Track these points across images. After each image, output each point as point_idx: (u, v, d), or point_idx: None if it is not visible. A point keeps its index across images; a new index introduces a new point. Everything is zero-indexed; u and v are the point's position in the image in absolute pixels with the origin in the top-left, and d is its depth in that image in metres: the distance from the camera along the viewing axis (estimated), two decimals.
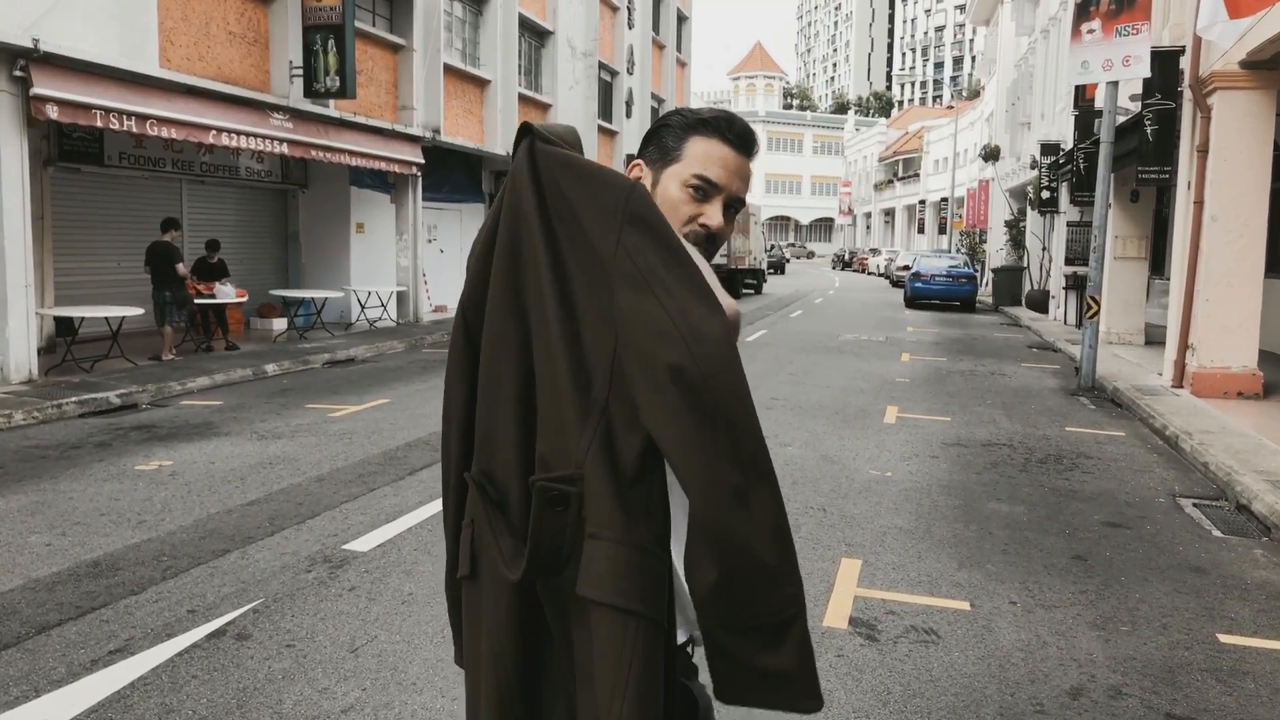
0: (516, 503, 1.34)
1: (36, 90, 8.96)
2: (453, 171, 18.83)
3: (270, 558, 4.67)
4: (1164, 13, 12.28)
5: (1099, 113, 11.74)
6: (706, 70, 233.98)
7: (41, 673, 3.42)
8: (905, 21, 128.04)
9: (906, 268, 30.67)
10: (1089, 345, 10.80)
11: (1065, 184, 18.80)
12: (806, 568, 4.51)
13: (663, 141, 1.52)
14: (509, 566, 1.33)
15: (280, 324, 14.73)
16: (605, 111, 25.85)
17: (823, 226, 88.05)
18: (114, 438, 7.48)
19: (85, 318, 11.00)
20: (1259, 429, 8.10)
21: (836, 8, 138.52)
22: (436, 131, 16.43)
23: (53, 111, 9.13)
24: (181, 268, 11.17)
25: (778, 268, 45.87)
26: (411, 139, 15.90)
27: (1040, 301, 22.30)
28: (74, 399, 8.48)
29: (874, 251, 54.20)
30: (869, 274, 49.15)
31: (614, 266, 1.26)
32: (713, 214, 1.49)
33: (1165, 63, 11.13)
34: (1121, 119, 12.41)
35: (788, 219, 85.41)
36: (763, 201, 67.72)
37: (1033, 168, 22.83)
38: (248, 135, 11.79)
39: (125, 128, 10.02)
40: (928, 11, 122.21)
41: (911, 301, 25.67)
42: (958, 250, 35.94)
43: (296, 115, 12.97)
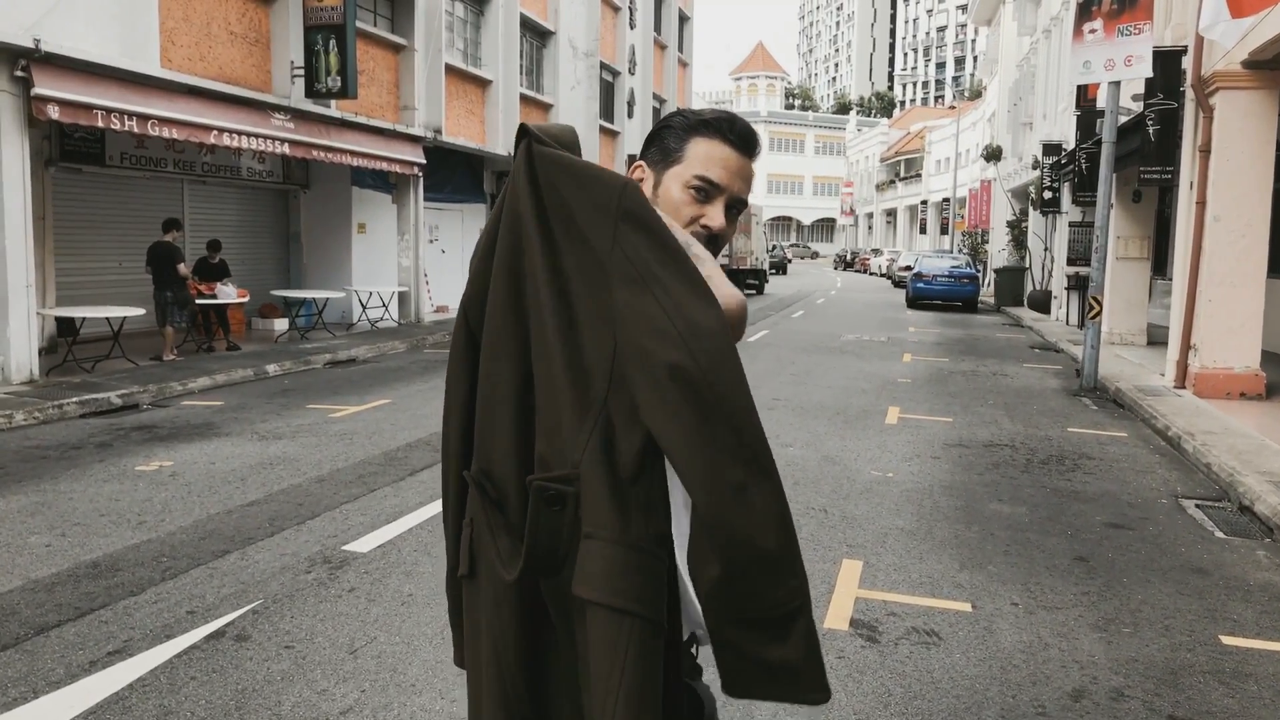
0: (515, 502, 1.34)
1: (38, 90, 8.96)
2: (454, 172, 18.84)
3: (270, 559, 4.67)
4: (1166, 12, 12.26)
5: (1101, 113, 11.71)
6: (708, 70, 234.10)
7: (40, 674, 3.41)
8: (907, 22, 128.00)
9: (908, 268, 30.67)
10: (1091, 346, 10.78)
11: (1067, 184, 18.79)
12: (808, 569, 4.48)
13: (664, 143, 1.52)
14: (506, 566, 1.33)
15: (281, 324, 14.73)
16: (607, 112, 25.86)
17: (825, 227, 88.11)
18: (115, 438, 7.48)
19: (86, 318, 11.00)
20: (1261, 430, 8.08)
21: (838, 8, 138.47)
22: (438, 132, 16.43)
23: (54, 112, 9.13)
24: (183, 268, 11.18)
25: (779, 268, 45.99)
26: (413, 139, 15.90)
27: (1042, 302, 22.28)
28: (75, 399, 8.48)
29: (876, 252, 54.29)
30: (871, 274, 49.22)
31: (611, 265, 1.25)
32: (715, 215, 1.49)
33: (1167, 62, 11.11)
34: (1123, 119, 12.40)
35: (790, 219, 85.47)
36: (765, 202, 67.69)
37: (1035, 168, 22.84)
38: (249, 135, 11.79)
39: (127, 128, 10.02)
40: (929, 12, 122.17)
41: (913, 302, 25.67)
42: (960, 250, 35.89)
43: (298, 115, 12.98)
